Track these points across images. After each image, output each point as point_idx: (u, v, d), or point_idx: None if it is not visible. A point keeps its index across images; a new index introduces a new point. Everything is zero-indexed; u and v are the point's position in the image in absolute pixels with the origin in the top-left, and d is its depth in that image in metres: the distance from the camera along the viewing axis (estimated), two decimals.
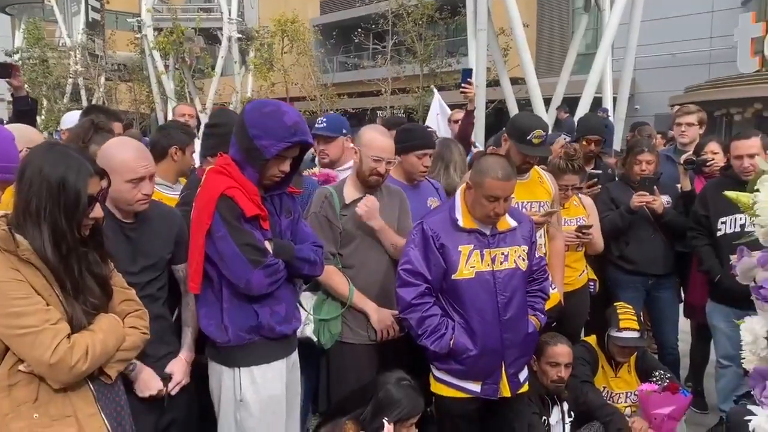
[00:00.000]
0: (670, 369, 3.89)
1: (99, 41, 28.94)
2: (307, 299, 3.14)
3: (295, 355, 2.72)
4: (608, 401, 3.63)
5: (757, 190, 1.48)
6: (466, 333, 2.81)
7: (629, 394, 3.73)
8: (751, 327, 1.50)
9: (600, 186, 4.43)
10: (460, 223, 2.85)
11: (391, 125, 4.53)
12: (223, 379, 2.55)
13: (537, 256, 3.11)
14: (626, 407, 3.72)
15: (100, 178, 2.03)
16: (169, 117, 17.98)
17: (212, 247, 2.41)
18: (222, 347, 2.52)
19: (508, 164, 2.82)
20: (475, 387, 2.87)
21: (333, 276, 3.06)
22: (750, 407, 1.47)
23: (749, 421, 1.45)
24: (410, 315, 2.82)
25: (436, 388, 2.93)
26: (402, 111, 20.17)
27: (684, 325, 4.75)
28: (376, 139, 3.08)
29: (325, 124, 3.79)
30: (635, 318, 3.65)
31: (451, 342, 2.79)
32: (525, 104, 13.00)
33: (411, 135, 3.51)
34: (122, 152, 2.45)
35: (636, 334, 3.60)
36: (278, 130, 2.41)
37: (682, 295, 4.67)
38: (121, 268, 2.33)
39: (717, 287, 3.83)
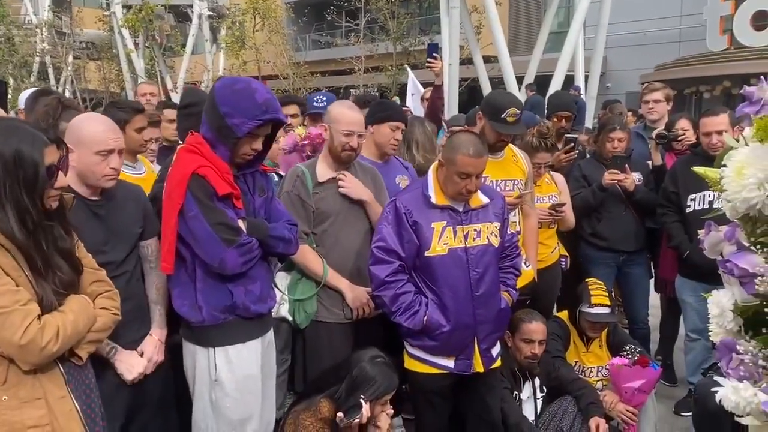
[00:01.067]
0: (640, 343, 3.96)
1: (66, 19, 28.27)
2: (282, 279, 3.14)
3: (270, 335, 2.71)
4: (580, 376, 3.68)
5: (724, 166, 1.50)
6: (439, 309, 2.83)
7: (600, 368, 3.79)
8: (717, 300, 1.53)
9: (577, 151, 4.46)
10: (433, 200, 2.85)
11: (363, 103, 4.49)
12: (198, 359, 2.53)
13: (509, 232, 3.13)
14: (597, 381, 3.78)
15: (57, 147, 1.96)
16: None
17: (185, 227, 2.38)
18: (196, 327, 2.50)
19: (479, 141, 2.83)
20: (449, 363, 2.89)
21: (307, 255, 3.05)
22: (717, 379, 1.50)
23: (716, 392, 1.48)
24: (384, 292, 2.83)
25: (410, 364, 2.95)
26: (375, 89, 20.07)
27: (654, 300, 4.84)
28: (345, 113, 3.07)
29: (325, 102, 3.75)
30: (606, 294, 3.69)
31: (425, 319, 2.81)
32: (498, 82, 13.01)
33: (385, 107, 3.50)
34: (91, 125, 2.42)
35: (607, 310, 3.65)
36: (250, 108, 2.38)
37: (653, 270, 4.75)
38: (92, 247, 2.30)
39: (686, 262, 3.90)
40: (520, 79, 12.32)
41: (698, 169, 1.69)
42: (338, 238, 3.13)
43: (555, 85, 11.23)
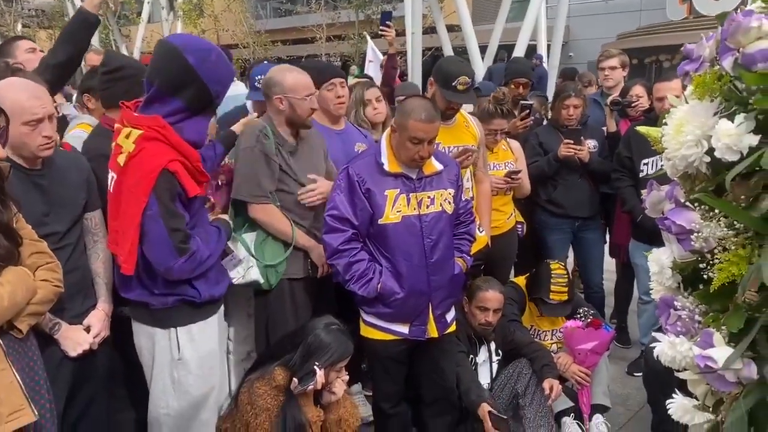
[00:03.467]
0: (595, 307, 4.03)
1: None
2: (248, 240, 3.05)
3: (222, 307, 2.69)
4: (535, 339, 3.74)
5: (666, 124, 1.50)
6: (393, 276, 2.82)
7: (555, 331, 3.85)
8: (657, 258, 1.54)
9: (533, 118, 4.47)
10: (386, 167, 2.82)
11: None
12: (157, 339, 2.48)
13: (463, 199, 3.12)
14: (552, 344, 3.84)
15: None
16: None
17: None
18: (156, 310, 2.45)
19: (431, 106, 2.80)
20: (403, 329, 2.90)
21: (275, 215, 2.99)
22: (655, 335, 1.52)
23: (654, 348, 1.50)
24: (337, 261, 2.80)
25: (365, 331, 2.95)
26: (338, 58, 19.83)
27: (609, 264, 4.92)
28: (299, 78, 2.99)
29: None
30: (565, 289, 3.67)
31: (378, 286, 2.80)
32: (461, 52, 12.92)
33: (315, 71, 3.39)
34: (13, 93, 2.22)
35: (563, 304, 3.68)
36: (228, 77, 2.38)
37: (608, 236, 4.82)
38: (33, 218, 2.22)
39: (639, 227, 3.96)
40: (483, 49, 12.27)
41: (641, 129, 1.69)
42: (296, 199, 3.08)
43: (518, 54, 11.20)
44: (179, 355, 2.46)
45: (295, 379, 2.55)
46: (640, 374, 3.86)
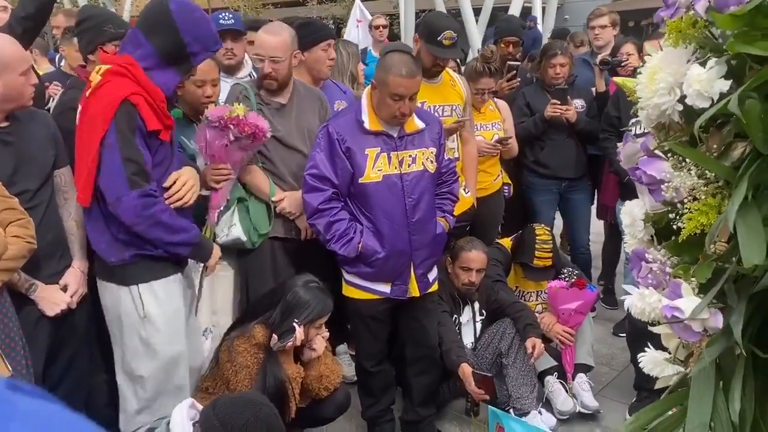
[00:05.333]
0: (581, 268, 4.03)
1: None
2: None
3: (188, 270, 2.65)
4: (520, 300, 3.74)
5: (641, 74, 1.46)
6: (374, 236, 2.80)
7: (540, 292, 3.85)
8: (629, 210, 1.52)
9: (519, 79, 4.42)
10: (367, 125, 2.78)
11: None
12: (121, 297, 2.42)
13: (446, 158, 3.08)
14: (537, 305, 3.85)
15: None
16: None
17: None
18: (117, 266, 2.38)
19: (412, 61, 2.74)
20: (385, 288, 2.89)
21: (256, 174, 3.00)
22: (624, 287, 1.51)
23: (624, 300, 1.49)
24: (317, 221, 2.78)
25: (347, 291, 2.95)
26: (331, 21, 19.54)
27: (598, 227, 4.92)
28: (258, 36, 2.97)
29: (231, 21, 3.53)
30: (550, 255, 3.64)
31: (359, 246, 2.78)
32: (455, 14, 12.76)
33: (310, 29, 3.36)
34: (8, 46, 2.26)
35: (547, 269, 3.66)
36: (208, 39, 2.35)
37: (595, 197, 4.80)
38: (3, 177, 2.21)
39: (626, 187, 3.94)
40: (477, 11, 12.10)
41: (617, 80, 1.66)
42: (282, 157, 3.06)
43: None
44: (144, 312, 2.40)
45: (274, 336, 2.55)
46: (625, 335, 3.89)
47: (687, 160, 1.35)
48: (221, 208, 2.90)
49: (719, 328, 1.28)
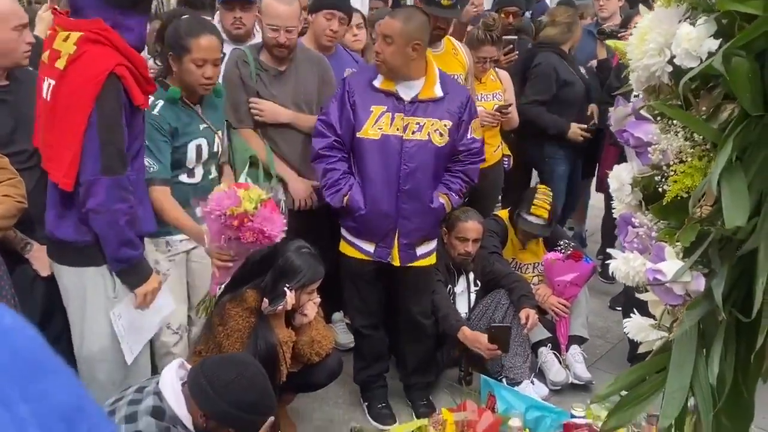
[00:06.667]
0: (578, 241, 4.02)
1: None
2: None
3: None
4: (516, 271, 3.74)
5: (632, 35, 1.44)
6: (362, 192, 2.87)
7: (537, 264, 3.84)
8: (617, 174, 1.50)
9: (517, 53, 4.35)
10: (377, 83, 2.84)
11: None
12: (88, 278, 2.23)
13: (469, 137, 3.02)
14: (534, 277, 3.84)
15: None
16: None
17: None
18: (85, 247, 2.19)
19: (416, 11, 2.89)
20: (369, 247, 2.95)
21: (252, 139, 3.01)
22: (610, 251, 1.50)
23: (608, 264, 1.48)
24: (317, 165, 2.91)
25: (342, 246, 3.03)
26: None
27: (598, 201, 4.89)
28: (271, 5, 2.92)
29: None
30: (548, 207, 3.63)
31: (345, 198, 2.84)
32: None
33: None
34: None
35: (542, 222, 3.64)
36: None
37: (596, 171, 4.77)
38: (1, 134, 2.19)
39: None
40: None
41: (609, 42, 1.63)
42: (283, 129, 3.06)
43: None
44: (114, 293, 2.24)
45: (265, 300, 2.56)
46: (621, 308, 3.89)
47: (675, 122, 1.33)
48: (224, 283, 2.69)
49: (701, 291, 1.27)
